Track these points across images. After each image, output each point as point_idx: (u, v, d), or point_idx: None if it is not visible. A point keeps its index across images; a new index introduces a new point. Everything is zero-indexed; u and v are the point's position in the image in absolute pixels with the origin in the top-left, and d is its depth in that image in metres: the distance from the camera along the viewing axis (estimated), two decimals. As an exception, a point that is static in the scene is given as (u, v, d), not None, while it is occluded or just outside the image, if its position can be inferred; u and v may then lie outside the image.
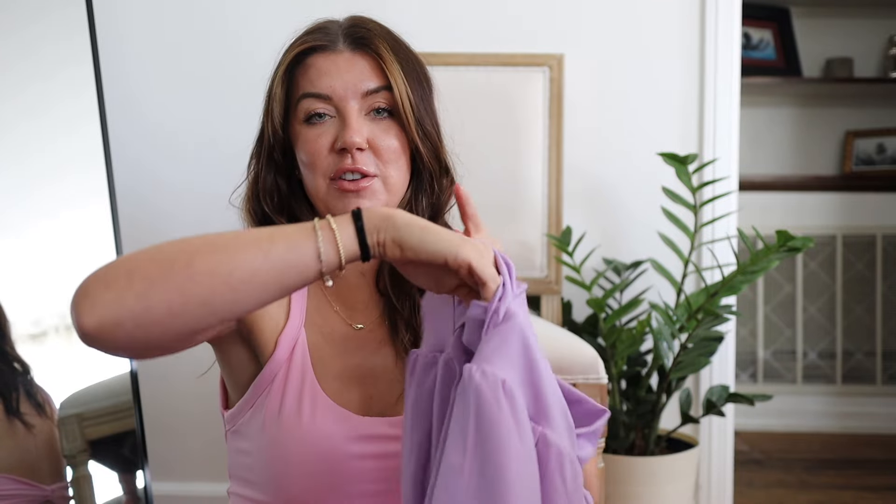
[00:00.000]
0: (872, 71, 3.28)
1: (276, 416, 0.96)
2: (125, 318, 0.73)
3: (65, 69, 1.77)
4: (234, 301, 0.76)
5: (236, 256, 0.75)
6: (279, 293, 0.78)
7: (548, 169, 2.01)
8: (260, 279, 0.76)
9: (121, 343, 0.74)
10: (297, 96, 1.01)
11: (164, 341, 0.76)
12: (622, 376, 1.96)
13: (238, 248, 0.76)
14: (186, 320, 0.75)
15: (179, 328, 0.75)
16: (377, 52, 1.00)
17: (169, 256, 0.75)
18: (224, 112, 2.15)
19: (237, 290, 0.75)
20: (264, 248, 0.76)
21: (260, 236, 0.77)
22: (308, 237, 0.77)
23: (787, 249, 1.71)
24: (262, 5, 2.15)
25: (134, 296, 0.73)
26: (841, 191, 3.19)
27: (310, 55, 1.01)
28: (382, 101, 1.00)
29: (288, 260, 0.76)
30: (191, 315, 0.75)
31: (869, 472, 2.66)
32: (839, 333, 3.20)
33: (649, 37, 2.15)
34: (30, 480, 1.67)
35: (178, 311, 0.74)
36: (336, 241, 0.78)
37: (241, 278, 0.75)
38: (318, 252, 0.77)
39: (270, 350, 0.97)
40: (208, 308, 0.75)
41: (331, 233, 0.78)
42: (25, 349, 1.69)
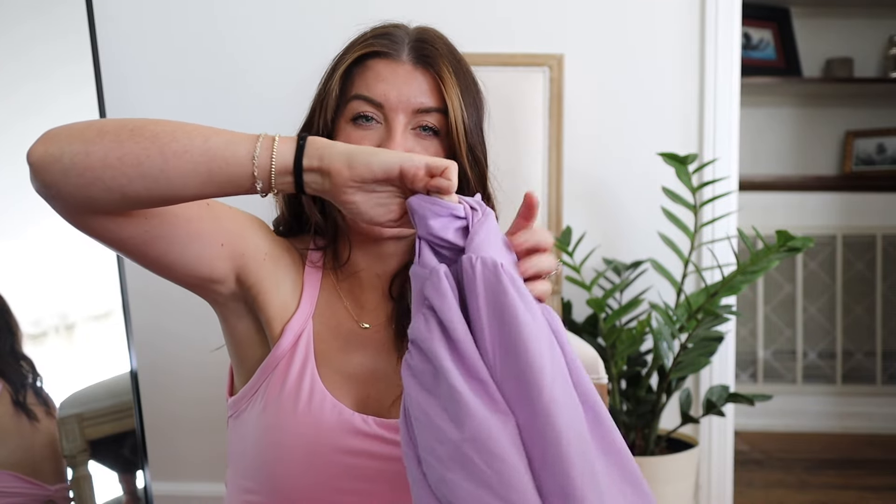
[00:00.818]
0: (872, 71, 3.28)
1: (274, 401, 0.97)
2: (65, 154, 0.78)
3: (62, 67, 1.77)
4: (161, 171, 0.79)
5: (180, 133, 0.80)
6: (206, 181, 0.80)
7: (548, 169, 2.01)
8: (191, 158, 0.79)
9: (55, 179, 0.78)
10: (350, 95, 1.01)
11: (92, 191, 0.79)
12: (622, 376, 1.96)
13: (187, 128, 0.80)
14: (115, 174, 0.78)
15: (108, 181, 0.78)
16: (439, 72, 1.01)
17: (127, 120, 0.80)
18: (224, 111, 2.15)
19: (168, 160, 0.79)
20: (208, 134, 0.80)
21: (211, 128, 0.81)
22: (250, 140, 0.81)
23: (787, 249, 1.71)
24: (261, 5, 2.15)
25: (81, 140, 0.79)
26: (841, 191, 3.19)
27: (371, 58, 1.02)
28: (432, 120, 1.00)
29: (223, 151, 0.80)
30: (121, 171, 0.78)
31: (869, 472, 2.66)
32: (839, 333, 3.20)
33: (649, 37, 2.15)
34: (33, 479, 1.67)
35: (111, 163, 0.78)
36: (271, 150, 0.80)
37: (175, 150, 0.79)
38: (252, 154, 0.80)
39: (277, 336, 0.99)
40: (137, 169, 0.78)
41: (270, 142, 0.81)
42: (25, 349, 1.69)
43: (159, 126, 0.80)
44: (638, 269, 2.09)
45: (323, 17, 2.12)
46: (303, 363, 0.98)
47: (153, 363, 2.13)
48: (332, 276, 1.05)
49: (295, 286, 1.01)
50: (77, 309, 1.77)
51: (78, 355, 1.77)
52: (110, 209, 0.82)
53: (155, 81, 2.15)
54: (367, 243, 1.04)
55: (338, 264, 1.05)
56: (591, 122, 2.15)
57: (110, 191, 0.79)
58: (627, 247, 2.17)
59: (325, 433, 0.95)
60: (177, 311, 2.09)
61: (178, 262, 0.91)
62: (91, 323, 1.79)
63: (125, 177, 0.78)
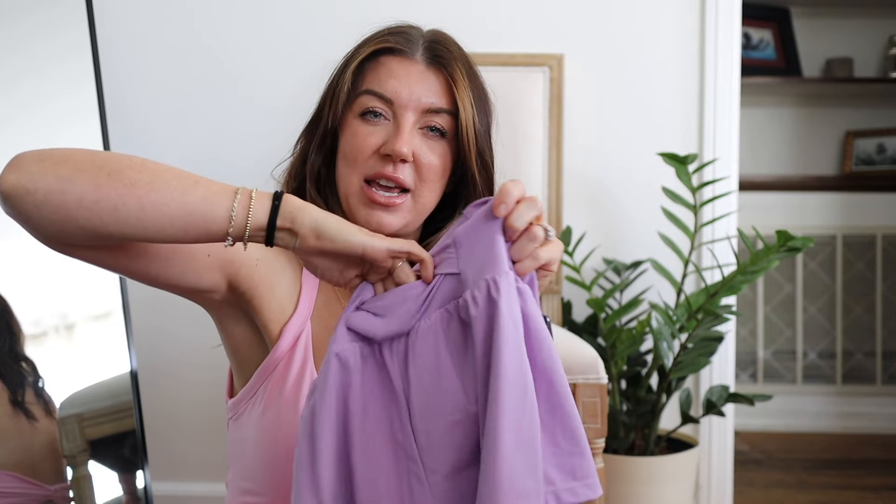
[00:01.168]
0: (872, 71, 3.28)
1: (274, 403, 0.97)
2: (39, 189, 0.77)
3: (61, 63, 1.77)
4: (137, 219, 0.79)
5: (159, 183, 0.79)
6: (181, 234, 0.81)
7: (548, 169, 2.01)
8: (168, 211, 0.79)
9: (27, 210, 0.77)
10: (360, 89, 1.01)
11: (66, 227, 0.78)
12: (622, 376, 1.96)
13: (165, 177, 0.80)
14: (90, 216, 0.78)
15: (83, 222, 0.78)
16: (452, 74, 1.01)
17: (104, 159, 0.80)
18: (223, 111, 2.15)
19: (145, 210, 0.78)
20: (185, 187, 0.80)
21: (188, 177, 0.81)
22: (226, 196, 0.81)
23: (787, 249, 1.71)
24: (262, 5, 2.14)
25: (56, 175, 0.77)
26: (841, 191, 3.19)
27: (385, 54, 1.02)
28: (440, 121, 1.01)
29: (199, 207, 0.80)
30: (96, 214, 0.78)
31: (869, 472, 2.66)
32: (839, 333, 3.20)
33: (649, 37, 2.15)
34: (33, 480, 1.67)
35: (87, 205, 0.77)
36: (248, 209, 0.81)
37: (153, 202, 0.79)
38: (229, 212, 0.80)
39: (275, 338, 0.98)
40: (115, 216, 0.78)
41: (247, 199, 0.81)
42: (26, 349, 1.69)
43: (136, 172, 0.79)
44: (638, 269, 2.09)
45: (324, 18, 2.12)
46: (302, 364, 0.97)
47: (153, 363, 2.13)
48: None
49: (292, 288, 1.00)
50: (77, 309, 1.77)
51: (78, 355, 1.77)
52: (85, 244, 0.82)
53: (154, 80, 2.15)
54: None
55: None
56: (591, 122, 2.15)
57: (84, 230, 0.79)
58: (627, 247, 2.17)
59: None
60: (177, 311, 2.09)
61: (163, 276, 0.91)
62: (91, 323, 1.79)
63: (100, 220, 0.78)
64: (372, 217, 0.99)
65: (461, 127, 1.00)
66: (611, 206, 2.17)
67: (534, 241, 0.80)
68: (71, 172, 0.77)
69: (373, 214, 0.99)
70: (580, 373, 1.51)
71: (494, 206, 0.80)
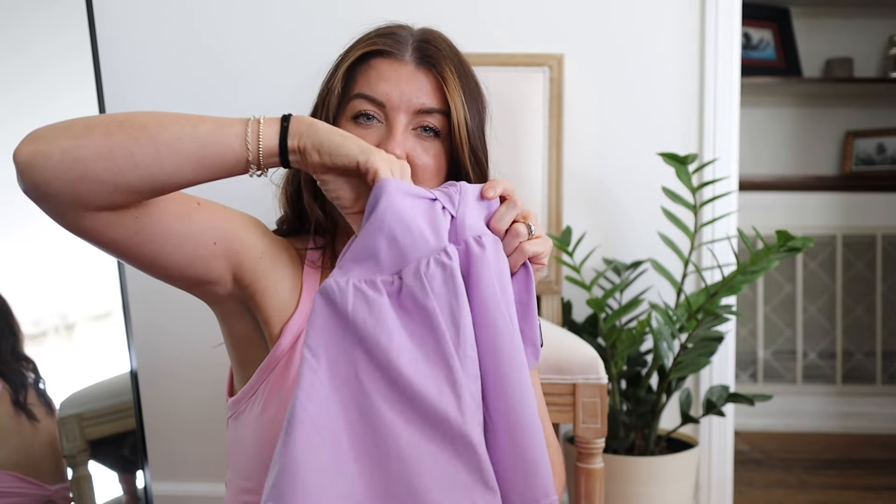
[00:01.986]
0: (872, 71, 3.28)
1: (274, 402, 0.97)
2: (55, 150, 0.78)
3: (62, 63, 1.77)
4: (154, 160, 0.80)
5: (169, 121, 0.81)
6: (198, 168, 0.82)
7: (548, 169, 2.01)
8: (183, 146, 0.80)
9: (45, 174, 0.78)
10: (351, 93, 1.01)
11: (84, 186, 0.79)
12: (622, 376, 1.96)
13: (175, 117, 0.82)
14: (108, 166, 0.79)
15: (102, 173, 0.79)
16: (442, 73, 1.01)
17: (113, 115, 0.82)
18: (223, 111, 2.14)
19: (160, 149, 0.80)
20: (196, 121, 0.82)
21: (197, 115, 0.83)
22: (237, 124, 0.83)
23: (787, 249, 1.71)
24: (262, 5, 2.15)
25: (68, 135, 0.79)
26: (841, 191, 3.19)
27: (375, 57, 1.02)
28: (433, 121, 1.01)
29: (213, 136, 0.82)
30: (113, 162, 0.79)
31: (869, 472, 2.66)
32: (839, 333, 3.20)
33: (649, 37, 2.15)
34: (33, 479, 1.67)
35: (103, 155, 0.78)
36: (259, 134, 0.83)
37: (166, 139, 0.80)
38: (243, 138, 0.82)
39: (276, 336, 0.98)
40: (130, 161, 0.79)
41: (257, 125, 0.83)
42: (25, 349, 1.69)
43: (147, 117, 0.81)
44: (638, 269, 2.09)
45: (324, 18, 2.12)
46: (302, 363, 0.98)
47: (153, 363, 2.13)
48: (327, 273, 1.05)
49: (294, 286, 1.01)
50: (77, 309, 1.77)
51: (78, 355, 1.77)
52: (102, 203, 0.81)
53: (154, 80, 2.15)
54: None
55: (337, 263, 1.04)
56: (591, 122, 2.15)
57: (103, 183, 0.79)
58: (627, 247, 2.17)
59: None
60: (177, 311, 2.09)
61: (172, 262, 0.90)
62: (91, 323, 1.79)
63: (117, 168, 0.79)
64: None
65: (453, 126, 1.00)
66: (611, 206, 2.17)
67: (517, 238, 0.88)
68: (82, 129, 0.79)
69: None
70: (580, 373, 1.51)
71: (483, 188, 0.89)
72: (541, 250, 0.89)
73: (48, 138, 0.78)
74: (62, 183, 0.78)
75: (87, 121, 0.80)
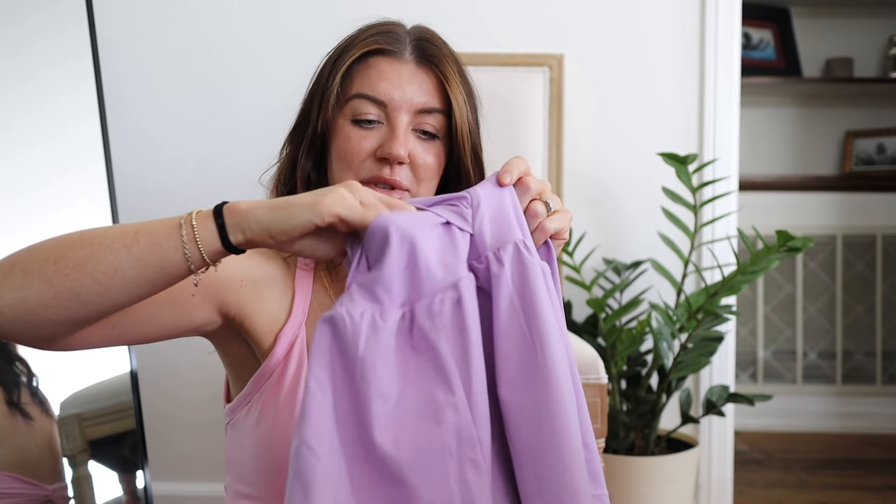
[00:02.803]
0: (872, 71, 3.28)
1: (270, 411, 0.96)
2: (3, 307, 0.76)
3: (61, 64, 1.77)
4: (101, 294, 0.78)
5: (101, 251, 0.78)
6: (149, 287, 0.79)
7: (548, 169, 2.01)
8: (124, 274, 0.78)
9: (5, 329, 0.77)
10: (350, 93, 1.00)
11: (45, 328, 0.78)
12: (622, 376, 1.96)
13: (105, 242, 0.78)
14: (61, 311, 0.77)
15: (54, 318, 0.77)
16: (444, 72, 1.00)
17: (44, 251, 0.78)
18: (223, 111, 2.15)
19: (102, 283, 0.77)
20: (128, 243, 0.78)
21: (127, 231, 0.79)
22: (171, 234, 0.78)
23: (787, 249, 1.71)
24: (262, 4, 2.14)
25: (11, 287, 0.76)
26: (841, 191, 3.19)
27: (373, 56, 1.00)
28: (432, 123, 0.99)
29: (150, 257, 0.78)
30: (64, 306, 0.77)
31: (869, 472, 2.66)
32: (839, 333, 3.20)
33: (649, 37, 2.15)
34: (31, 480, 1.67)
35: (50, 303, 0.77)
36: (196, 240, 0.78)
37: (105, 272, 0.77)
38: (182, 251, 0.78)
39: (269, 346, 0.97)
40: (79, 300, 0.77)
41: (191, 230, 0.79)
42: (25, 349, 1.69)
43: (77, 250, 0.78)
44: (638, 269, 2.09)
45: (324, 18, 2.12)
46: (297, 371, 0.96)
47: (153, 363, 2.13)
48: (324, 278, 1.03)
49: (283, 294, 0.99)
50: (77, 309, 1.77)
51: (78, 355, 1.77)
52: (70, 333, 0.81)
53: (154, 80, 2.15)
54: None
55: (332, 265, 1.03)
56: (591, 122, 2.15)
57: (62, 323, 0.78)
58: (627, 247, 2.17)
59: None
60: (177, 311, 2.09)
61: (158, 332, 0.90)
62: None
63: (68, 310, 0.77)
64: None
65: (455, 125, 0.99)
66: (611, 206, 2.17)
67: (536, 218, 0.85)
68: (21, 279, 0.77)
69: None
70: (580, 373, 1.51)
71: (499, 175, 0.85)
72: (561, 226, 0.86)
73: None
74: (25, 332, 0.78)
75: (21, 266, 0.77)
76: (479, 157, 1.03)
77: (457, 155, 1.01)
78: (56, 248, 0.78)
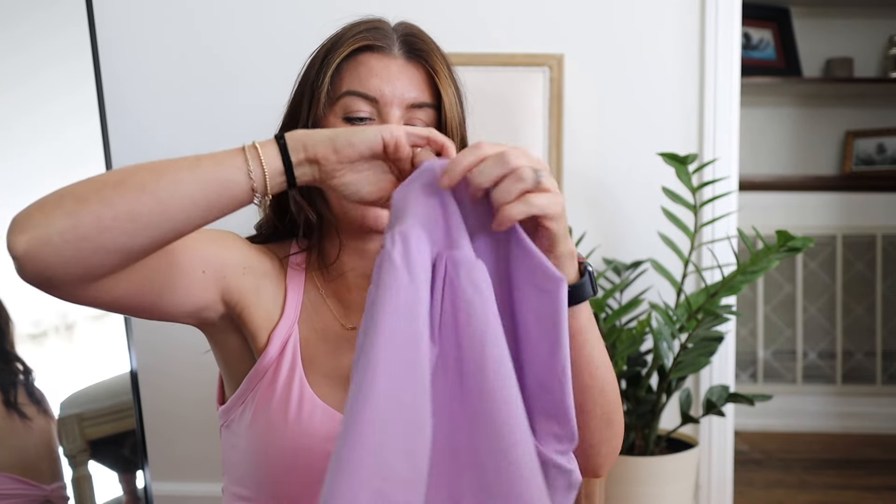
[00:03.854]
0: (872, 71, 3.28)
1: (263, 412, 0.96)
2: (53, 235, 0.72)
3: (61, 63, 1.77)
4: (161, 214, 0.76)
5: (164, 171, 0.77)
6: (206, 209, 0.78)
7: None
8: (186, 191, 0.76)
9: (51, 261, 0.73)
10: (341, 91, 0.99)
11: (95, 259, 0.75)
12: (622, 376, 1.96)
13: (168, 165, 0.77)
14: (115, 235, 0.74)
15: (109, 244, 0.74)
16: (433, 66, 1.00)
17: (102, 178, 0.77)
18: (223, 111, 2.15)
19: (164, 202, 0.75)
20: (192, 163, 0.78)
21: (188, 158, 0.78)
22: (235, 156, 0.79)
23: (787, 249, 1.71)
24: (261, 4, 2.15)
25: (63, 213, 0.73)
26: (841, 191, 3.20)
27: (362, 52, 1.00)
28: (423, 118, 0.99)
29: (214, 176, 0.78)
30: (120, 230, 0.74)
31: (869, 472, 2.66)
32: (839, 333, 3.20)
33: (649, 37, 2.15)
34: (30, 480, 1.67)
35: (107, 225, 0.74)
36: (260, 160, 0.79)
37: (167, 190, 0.76)
38: (245, 167, 0.78)
39: (263, 344, 0.97)
40: (137, 223, 0.75)
41: (255, 151, 0.79)
42: (25, 349, 1.69)
43: (139, 174, 0.76)
44: (638, 269, 2.09)
45: (324, 19, 2.11)
46: (290, 371, 0.96)
47: (153, 363, 2.13)
48: (315, 278, 1.03)
49: (277, 293, 0.99)
50: (77, 309, 1.77)
51: (78, 355, 1.77)
52: (113, 270, 0.78)
53: (154, 80, 2.15)
54: (356, 240, 1.02)
55: (324, 264, 1.03)
56: (591, 122, 2.15)
57: (114, 252, 0.75)
58: (627, 247, 2.17)
59: (317, 442, 0.93)
60: (177, 311, 2.09)
61: (170, 301, 0.89)
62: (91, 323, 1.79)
63: (125, 234, 0.75)
64: (368, 213, 0.97)
65: (445, 119, 0.99)
66: (611, 206, 2.17)
67: (521, 182, 0.72)
68: (75, 203, 0.74)
69: (369, 210, 0.97)
70: (580, 373, 1.51)
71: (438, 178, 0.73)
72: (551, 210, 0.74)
73: (40, 222, 0.73)
74: (70, 265, 0.74)
75: (77, 192, 0.75)
76: None
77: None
78: (113, 174, 0.76)
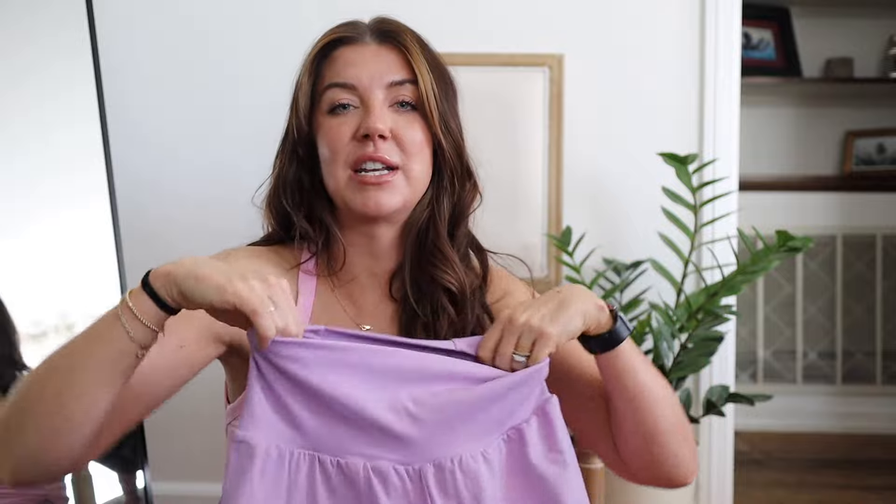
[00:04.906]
0: (872, 71, 3.28)
1: None
2: (21, 461, 0.79)
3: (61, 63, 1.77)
4: (91, 404, 0.79)
5: (68, 375, 0.79)
6: (115, 379, 0.80)
7: (548, 169, 2.01)
8: (93, 381, 0.78)
9: (40, 475, 0.81)
10: (322, 87, 1.01)
11: (70, 457, 0.80)
12: (622, 376, 1.96)
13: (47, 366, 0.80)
14: (67, 435, 0.78)
15: (69, 442, 0.79)
16: (404, 44, 1.01)
17: (25, 397, 0.80)
18: (223, 111, 2.15)
19: (82, 397, 0.78)
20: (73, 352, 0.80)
21: (80, 345, 0.80)
22: (113, 325, 0.79)
23: (787, 249, 1.71)
24: (260, 5, 2.15)
25: (13, 445, 0.79)
26: (841, 191, 3.19)
27: (336, 48, 1.03)
28: (407, 94, 1.00)
29: (106, 354, 0.79)
30: (67, 429, 0.79)
31: (869, 472, 2.66)
32: (839, 333, 3.20)
33: (649, 37, 2.15)
34: (29, 480, 1.66)
35: (55, 434, 0.78)
36: (135, 316, 0.78)
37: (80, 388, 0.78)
38: (125, 334, 0.78)
39: None
40: (73, 421, 0.78)
41: (126, 308, 0.79)
42: (25, 349, 1.69)
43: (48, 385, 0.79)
44: (638, 269, 2.09)
45: (324, 19, 2.11)
46: None
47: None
48: (327, 282, 1.03)
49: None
50: (77, 309, 1.77)
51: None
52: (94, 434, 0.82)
53: (154, 80, 2.15)
54: (360, 240, 1.02)
55: (333, 269, 1.03)
56: (591, 122, 2.15)
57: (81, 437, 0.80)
58: (627, 247, 2.17)
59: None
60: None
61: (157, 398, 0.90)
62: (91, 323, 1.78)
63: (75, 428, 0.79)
64: (368, 198, 0.97)
65: (421, 92, 0.99)
66: (611, 206, 2.17)
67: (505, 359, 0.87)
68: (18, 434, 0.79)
69: (368, 196, 0.97)
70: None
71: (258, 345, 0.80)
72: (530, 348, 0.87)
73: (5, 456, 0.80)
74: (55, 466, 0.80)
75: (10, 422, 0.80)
76: (449, 126, 1.02)
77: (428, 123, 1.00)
78: (31, 389, 0.80)
